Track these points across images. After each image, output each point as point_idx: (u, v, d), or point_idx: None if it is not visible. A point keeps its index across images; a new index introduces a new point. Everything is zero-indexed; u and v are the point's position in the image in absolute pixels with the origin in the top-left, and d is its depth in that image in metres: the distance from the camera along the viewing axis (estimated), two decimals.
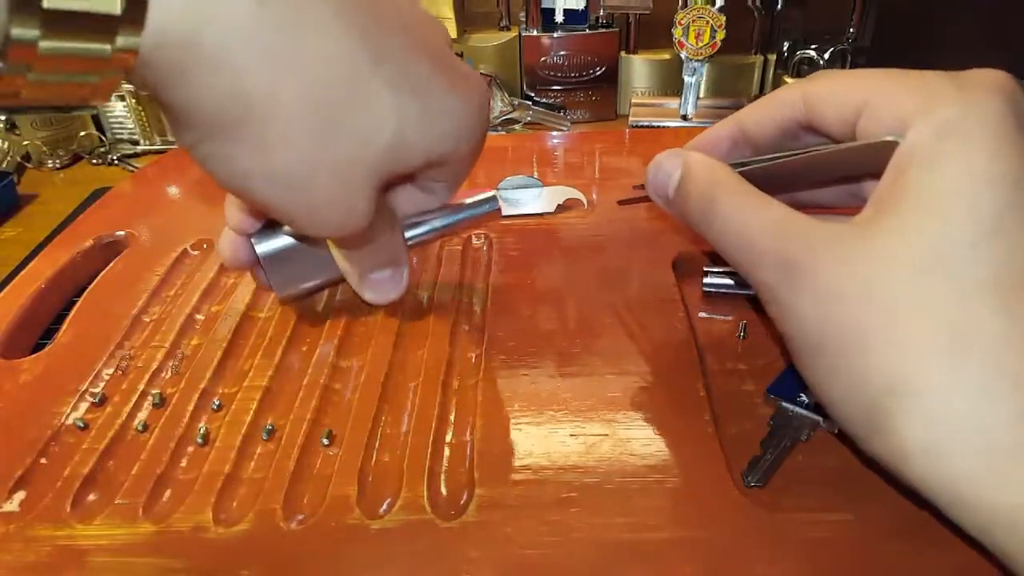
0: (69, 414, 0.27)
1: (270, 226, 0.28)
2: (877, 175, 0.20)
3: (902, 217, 0.18)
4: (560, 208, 0.39)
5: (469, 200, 0.30)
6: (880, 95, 0.20)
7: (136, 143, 0.58)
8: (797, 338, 0.20)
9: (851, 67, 0.58)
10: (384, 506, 0.23)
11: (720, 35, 0.50)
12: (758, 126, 0.25)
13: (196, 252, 0.37)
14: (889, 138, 0.19)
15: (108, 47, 0.16)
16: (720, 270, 0.32)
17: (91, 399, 0.28)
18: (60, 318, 0.34)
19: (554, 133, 0.54)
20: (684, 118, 0.54)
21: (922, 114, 0.19)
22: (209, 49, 0.18)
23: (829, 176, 0.25)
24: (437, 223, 0.29)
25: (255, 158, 0.20)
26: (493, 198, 0.30)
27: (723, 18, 0.50)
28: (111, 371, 0.30)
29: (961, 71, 0.20)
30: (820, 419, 0.25)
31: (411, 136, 0.22)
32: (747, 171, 0.23)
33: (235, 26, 0.18)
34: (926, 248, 0.18)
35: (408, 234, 0.29)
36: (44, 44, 0.15)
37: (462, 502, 0.23)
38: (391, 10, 0.21)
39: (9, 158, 0.55)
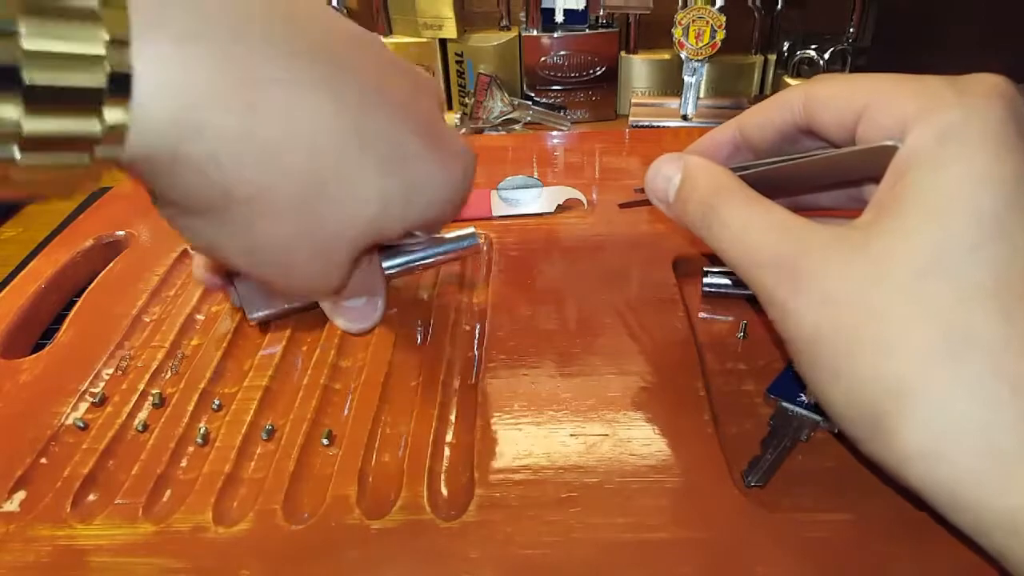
0: (69, 414, 0.27)
1: None
2: (877, 179, 0.20)
3: (902, 220, 0.18)
4: (560, 208, 0.39)
5: (450, 235, 0.31)
6: (879, 99, 0.20)
7: None
8: (796, 340, 0.20)
9: (851, 68, 0.58)
10: (384, 506, 0.23)
11: (720, 35, 0.50)
12: (759, 130, 0.25)
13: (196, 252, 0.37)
14: (889, 142, 0.19)
15: (87, 158, 0.16)
16: (719, 270, 0.32)
17: (91, 399, 0.28)
18: (60, 318, 0.34)
19: (554, 133, 0.54)
20: (684, 118, 0.54)
21: (922, 118, 0.19)
22: (197, 156, 0.18)
23: (829, 180, 0.25)
24: (416, 255, 0.30)
25: (236, 235, 0.20)
26: (472, 234, 0.31)
27: (723, 18, 0.50)
28: (111, 371, 0.30)
29: (960, 76, 0.20)
30: (820, 419, 0.25)
31: (394, 212, 0.22)
32: (747, 175, 0.23)
33: (226, 135, 0.18)
34: (926, 251, 0.18)
35: (385, 264, 0.30)
36: (21, 160, 0.15)
37: (462, 502, 0.23)
38: (382, 82, 0.22)
39: None
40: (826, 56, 0.55)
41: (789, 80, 0.57)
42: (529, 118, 0.57)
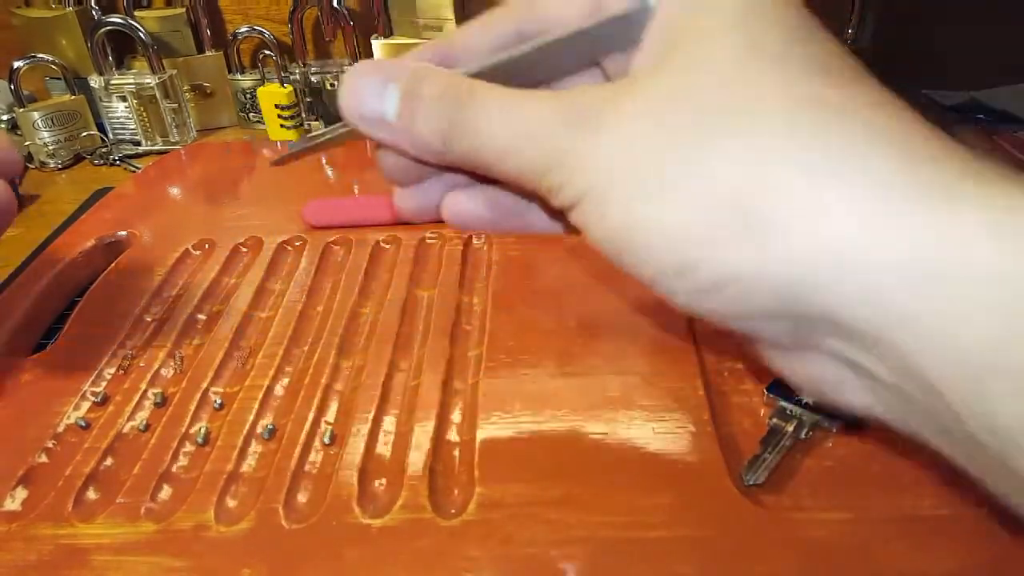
0: (71, 413, 0.27)
1: None
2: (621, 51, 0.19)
3: (693, 50, 0.17)
4: None
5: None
6: None
7: (138, 143, 0.58)
8: (608, 183, 0.17)
9: None
10: (385, 505, 0.23)
11: None
12: (473, 39, 0.21)
13: (198, 252, 0.38)
14: (642, 4, 0.18)
15: None
16: None
17: (93, 398, 0.28)
18: (62, 318, 0.34)
19: None
20: None
21: None
22: None
23: (572, 62, 0.21)
24: None
25: None
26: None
27: None
28: (113, 371, 0.30)
29: None
30: (819, 417, 0.25)
31: None
32: (479, 73, 0.19)
33: None
34: (747, 49, 0.16)
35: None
36: None
37: (462, 501, 0.23)
38: None
39: None
40: None
41: None
42: None
